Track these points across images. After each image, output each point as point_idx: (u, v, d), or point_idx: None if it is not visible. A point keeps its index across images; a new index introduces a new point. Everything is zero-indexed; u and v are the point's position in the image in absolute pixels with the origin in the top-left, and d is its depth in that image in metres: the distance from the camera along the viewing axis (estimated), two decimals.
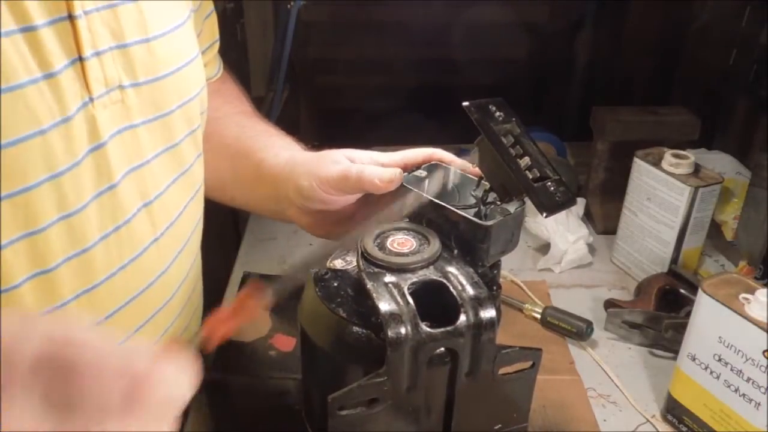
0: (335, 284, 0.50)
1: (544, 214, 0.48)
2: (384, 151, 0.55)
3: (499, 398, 0.51)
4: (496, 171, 0.51)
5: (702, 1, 1.29)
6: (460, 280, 0.48)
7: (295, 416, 0.72)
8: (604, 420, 0.74)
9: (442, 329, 0.44)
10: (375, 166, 0.56)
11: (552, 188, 0.48)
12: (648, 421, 0.74)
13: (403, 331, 0.43)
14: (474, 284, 0.48)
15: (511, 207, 0.53)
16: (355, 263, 0.53)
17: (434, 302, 0.46)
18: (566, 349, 0.84)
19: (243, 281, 0.95)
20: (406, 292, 0.46)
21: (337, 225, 0.63)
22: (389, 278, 0.47)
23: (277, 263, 0.96)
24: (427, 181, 0.57)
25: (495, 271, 0.53)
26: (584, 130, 1.11)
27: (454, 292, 0.47)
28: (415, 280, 0.48)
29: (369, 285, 0.46)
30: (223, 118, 0.70)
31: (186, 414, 0.75)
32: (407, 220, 0.54)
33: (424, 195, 0.53)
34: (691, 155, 0.90)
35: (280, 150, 0.65)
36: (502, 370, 0.49)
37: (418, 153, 0.59)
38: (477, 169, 0.55)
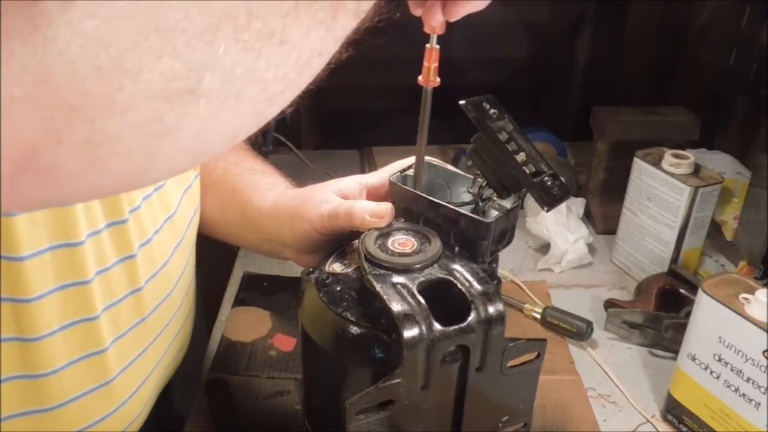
0: (338, 288, 0.50)
1: (545, 209, 0.49)
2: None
3: (506, 391, 0.51)
4: (494, 167, 0.51)
5: (702, 1, 1.29)
6: (466, 276, 0.48)
7: (295, 416, 0.72)
8: (604, 420, 0.74)
9: (455, 327, 0.45)
10: (364, 201, 0.56)
11: (549, 182, 0.49)
12: (648, 421, 0.74)
13: (417, 331, 0.43)
14: (480, 280, 0.48)
15: (507, 203, 0.53)
16: (354, 266, 0.53)
17: (436, 299, 0.46)
18: (566, 349, 0.84)
19: (243, 281, 0.95)
20: (416, 291, 0.46)
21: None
22: (396, 279, 0.47)
23: (277, 263, 0.95)
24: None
25: (494, 265, 0.54)
26: (584, 130, 1.11)
27: (463, 289, 0.47)
28: (422, 279, 0.48)
29: (378, 287, 0.46)
30: None
31: (186, 414, 0.75)
32: (403, 219, 0.54)
33: (423, 195, 0.53)
34: (691, 155, 0.90)
35: (263, 191, 0.64)
36: (508, 363, 0.49)
37: (403, 163, 0.58)
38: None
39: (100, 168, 0.24)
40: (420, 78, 0.49)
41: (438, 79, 0.49)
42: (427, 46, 0.48)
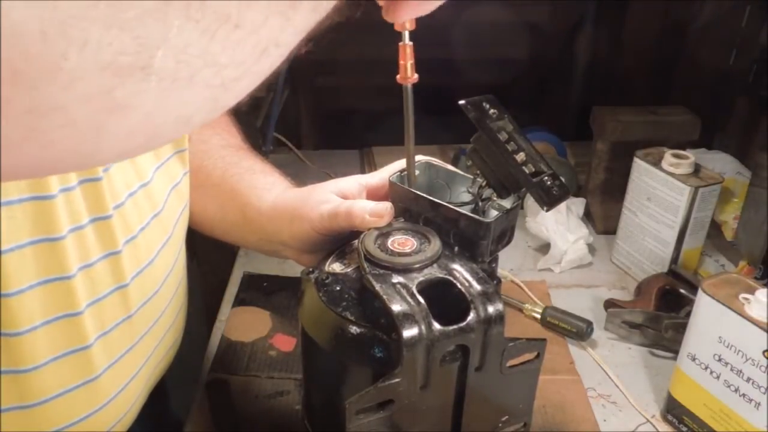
0: (338, 288, 0.50)
1: (545, 208, 0.49)
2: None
3: (505, 391, 0.51)
4: (494, 167, 0.51)
5: (702, 1, 1.29)
6: (465, 276, 0.48)
7: (295, 416, 0.72)
8: (604, 420, 0.74)
9: (455, 326, 0.45)
10: (364, 200, 0.56)
11: (549, 182, 0.49)
12: (648, 421, 0.74)
13: (416, 331, 0.43)
14: (480, 279, 0.48)
15: (507, 202, 0.53)
16: (353, 266, 0.53)
17: (436, 299, 0.46)
18: (566, 349, 0.84)
19: (243, 281, 0.95)
20: (416, 291, 0.46)
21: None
22: (396, 279, 0.47)
23: (277, 263, 0.96)
24: (419, 179, 0.58)
25: (494, 265, 0.54)
26: (584, 130, 1.11)
27: (462, 289, 0.47)
28: (421, 279, 0.48)
29: (377, 287, 0.46)
30: (210, 152, 0.69)
31: (184, 414, 0.75)
32: (403, 219, 0.54)
33: (423, 195, 0.53)
34: (691, 155, 0.90)
35: (263, 192, 0.63)
36: (508, 363, 0.49)
37: (403, 163, 0.58)
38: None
39: (45, 140, 0.23)
40: (398, 77, 0.49)
41: (416, 76, 0.49)
42: (400, 44, 0.47)
